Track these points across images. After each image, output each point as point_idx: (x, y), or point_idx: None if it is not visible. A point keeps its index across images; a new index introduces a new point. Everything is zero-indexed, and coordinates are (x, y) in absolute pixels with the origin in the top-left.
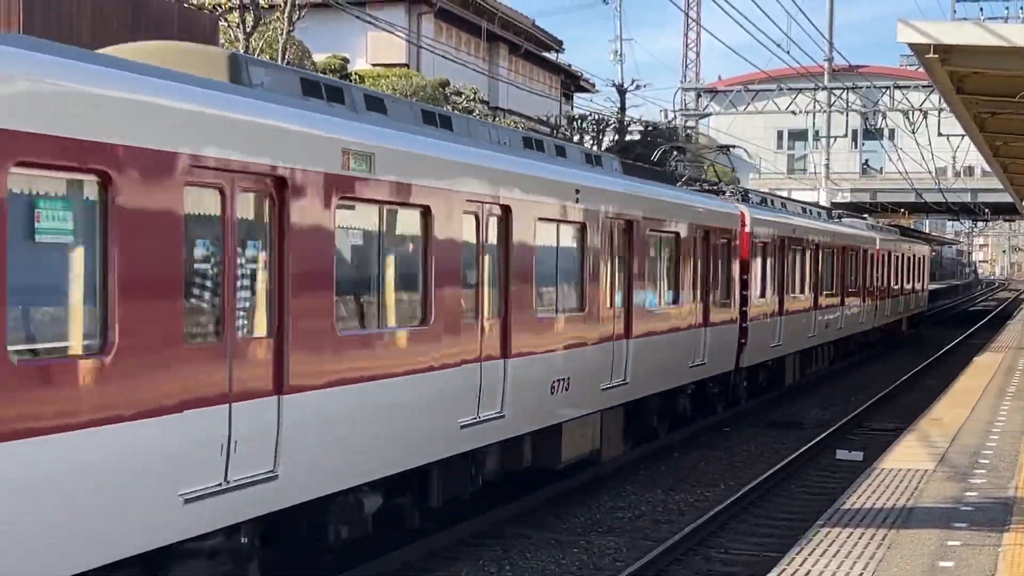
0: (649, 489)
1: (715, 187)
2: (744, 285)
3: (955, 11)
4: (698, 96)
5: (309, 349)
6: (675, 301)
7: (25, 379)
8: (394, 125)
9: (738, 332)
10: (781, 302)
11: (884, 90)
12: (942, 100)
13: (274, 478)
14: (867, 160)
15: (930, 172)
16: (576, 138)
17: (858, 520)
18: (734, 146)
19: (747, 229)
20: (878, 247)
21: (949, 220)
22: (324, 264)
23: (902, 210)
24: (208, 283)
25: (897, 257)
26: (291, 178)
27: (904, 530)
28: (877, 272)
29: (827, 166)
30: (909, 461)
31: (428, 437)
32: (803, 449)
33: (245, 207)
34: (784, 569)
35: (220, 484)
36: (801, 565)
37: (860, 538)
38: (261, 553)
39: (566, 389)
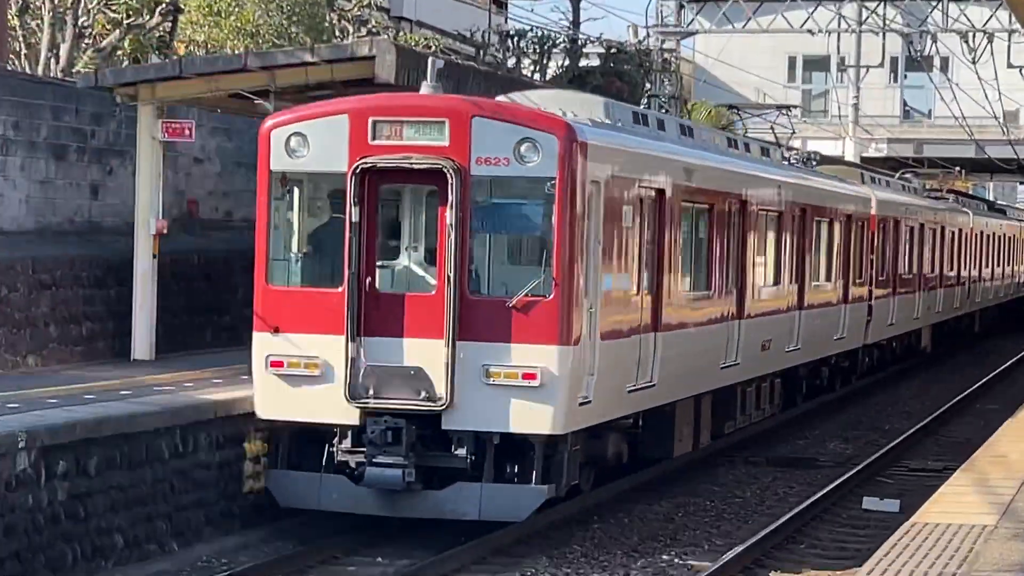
0: (605, 551)
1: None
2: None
3: None
4: (680, 7)
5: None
6: (828, 279)
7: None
8: (698, 146)
9: (866, 309)
10: (894, 281)
11: (935, 3)
12: (1015, 17)
13: (653, 386)
14: (909, 101)
15: (996, 118)
16: (512, 62)
17: None
18: (795, 106)
19: (873, 212)
20: (972, 226)
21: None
22: (679, 245)
23: (957, 169)
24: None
25: (991, 237)
26: (666, 189)
27: None
28: (974, 254)
29: (856, 107)
30: (961, 513)
31: (710, 372)
32: (818, 495)
33: (648, 206)
34: None
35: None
36: None
37: None
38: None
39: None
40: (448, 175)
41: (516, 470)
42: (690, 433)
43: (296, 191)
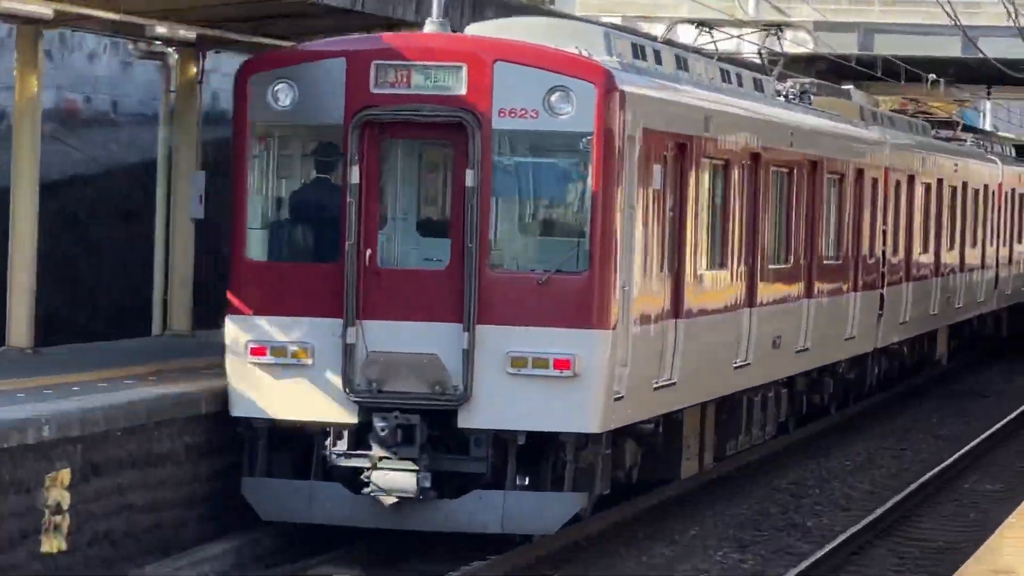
0: None
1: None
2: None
3: None
4: None
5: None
6: (836, 257)
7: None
8: (708, 86)
9: (878, 300)
10: (907, 262)
11: None
12: None
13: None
14: None
15: None
16: None
17: None
18: (781, 24)
19: (886, 164)
20: (1001, 181)
21: None
22: (702, 213)
23: (931, 78)
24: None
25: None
26: (689, 144)
27: None
28: (1006, 222)
29: None
30: None
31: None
32: None
33: (672, 167)
34: None
35: None
36: None
37: None
38: None
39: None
40: (467, 129)
41: (544, 476)
42: (697, 449)
43: (281, 147)
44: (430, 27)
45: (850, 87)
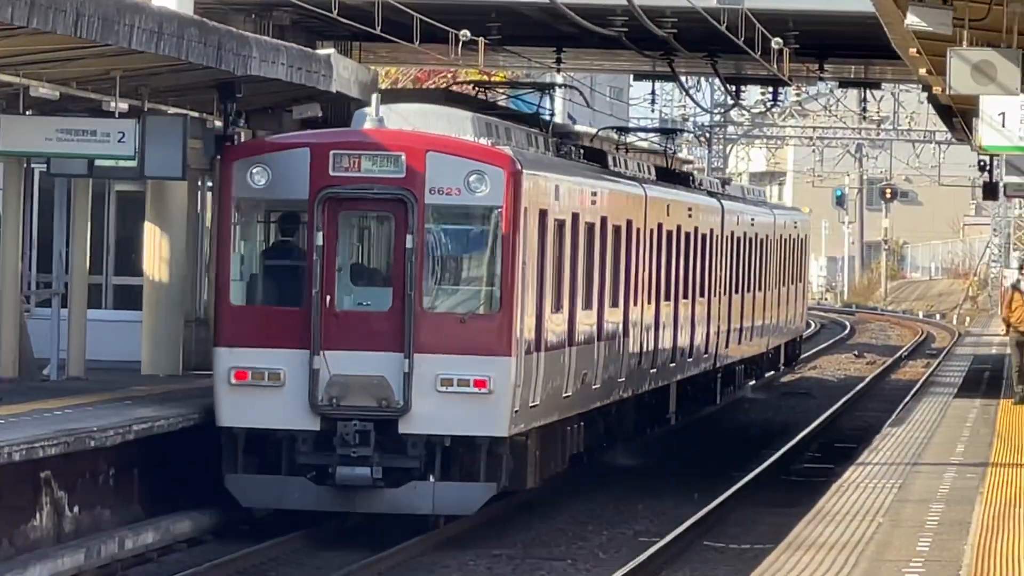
0: None
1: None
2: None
3: None
4: None
5: None
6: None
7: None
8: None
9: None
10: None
11: None
12: None
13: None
14: None
15: None
16: None
17: None
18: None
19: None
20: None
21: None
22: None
23: (462, 35)
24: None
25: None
26: (570, 212)
27: None
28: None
29: None
30: None
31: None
32: None
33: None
34: None
35: None
36: None
37: None
38: None
39: None
40: (406, 203)
41: (465, 470)
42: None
43: (256, 216)
44: (369, 123)
45: (331, 51)
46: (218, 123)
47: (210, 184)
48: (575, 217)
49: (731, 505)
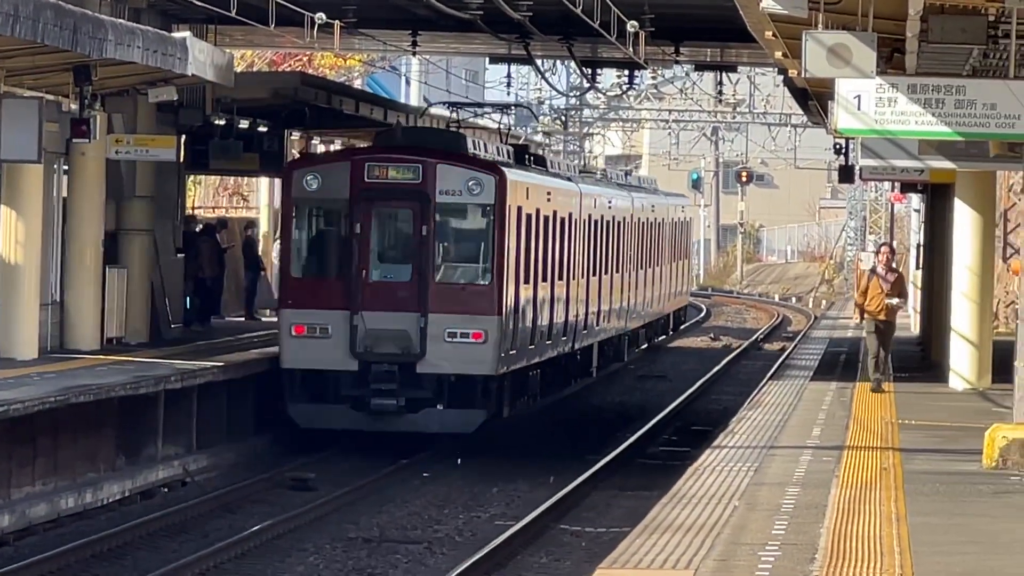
0: None
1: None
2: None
3: None
4: None
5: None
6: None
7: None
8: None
9: None
10: None
11: None
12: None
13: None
14: None
15: None
16: None
17: None
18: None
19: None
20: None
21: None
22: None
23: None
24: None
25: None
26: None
27: None
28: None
29: None
30: None
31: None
32: None
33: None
34: None
35: None
36: None
37: None
38: None
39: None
40: (422, 201)
41: (465, 399)
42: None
43: (310, 212)
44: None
45: (187, 34)
46: (74, 106)
47: (66, 168)
48: (537, 211)
49: (586, 489)
